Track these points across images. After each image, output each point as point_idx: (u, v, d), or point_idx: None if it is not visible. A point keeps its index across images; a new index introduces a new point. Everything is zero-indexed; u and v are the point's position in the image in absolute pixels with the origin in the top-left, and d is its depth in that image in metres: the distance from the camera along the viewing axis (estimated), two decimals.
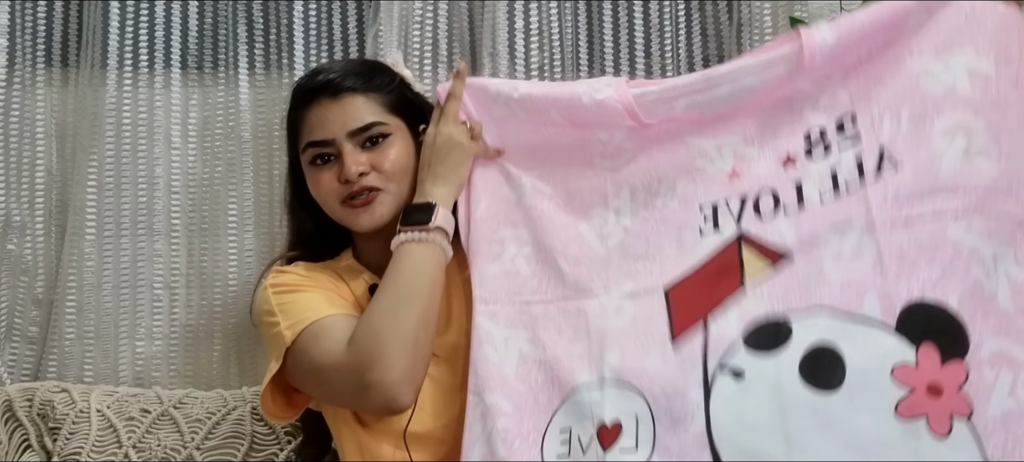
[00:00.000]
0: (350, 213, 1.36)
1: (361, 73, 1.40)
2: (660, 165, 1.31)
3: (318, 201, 1.40)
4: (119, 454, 1.54)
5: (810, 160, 1.23)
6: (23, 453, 1.56)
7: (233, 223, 1.69)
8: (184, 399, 1.60)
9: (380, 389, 1.22)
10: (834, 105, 1.24)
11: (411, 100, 1.43)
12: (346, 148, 1.34)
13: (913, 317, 1.10)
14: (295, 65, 1.69)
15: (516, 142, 1.38)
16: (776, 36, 1.71)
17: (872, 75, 1.22)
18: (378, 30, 1.67)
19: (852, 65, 1.23)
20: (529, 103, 1.36)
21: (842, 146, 1.21)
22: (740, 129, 1.28)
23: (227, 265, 1.68)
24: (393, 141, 1.37)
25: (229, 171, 1.69)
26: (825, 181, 1.20)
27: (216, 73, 1.71)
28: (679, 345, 1.18)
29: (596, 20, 1.74)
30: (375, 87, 1.38)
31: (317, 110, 1.36)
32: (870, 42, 1.22)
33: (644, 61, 1.74)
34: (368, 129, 1.36)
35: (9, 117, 1.69)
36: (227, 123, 1.70)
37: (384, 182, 1.36)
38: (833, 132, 1.23)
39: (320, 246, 1.46)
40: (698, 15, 1.76)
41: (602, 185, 1.34)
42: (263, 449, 1.57)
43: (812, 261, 1.16)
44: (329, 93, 1.36)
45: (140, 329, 1.67)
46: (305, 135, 1.38)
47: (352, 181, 1.33)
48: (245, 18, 1.71)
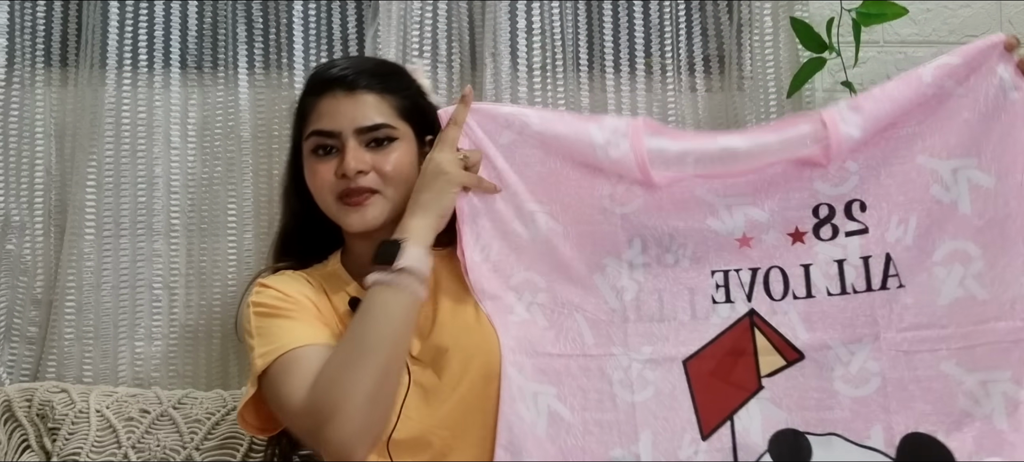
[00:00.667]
0: (342, 210, 1.36)
1: (379, 74, 1.40)
2: (671, 218, 1.31)
3: (313, 192, 1.39)
4: (118, 454, 1.53)
5: (818, 240, 1.28)
6: (22, 453, 1.55)
7: (232, 223, 1.68)
8: (183, 399, 1.59)
9: (334, 444, 1.21)
10: (843, 177, 1.28)
11: (423, 109, 1.42)
12: (350, 143, 1.34)
13: (910, 446, 1.23)
14: (295, 65, 1.69)
15: (525, 170, 1.35)
16: (775, 35, 1.71)
17: (882, 155, 1.27)
18: (377, 30, 1.67)
19: (869, 146, 1.28)
20: (540, 139, 1.34)
21: (849, 232, 1.27)
22: (751, 191, 1.30)
23: (226, 265, 1.68)
24: (398, 146, 1.37)
25: (228, 171, 1.69)
26: (831, 269, 1.27)
27: (216, 73, 1.71)
28: (710, 444, 1.25)
29: (596, 20, 1.74)
30: (390, 89, 1.38)
31: (329, 100, 1.36)
32: (895, 127, 1.27)
33: (644, 61, 1.74)
34: (376, 129, 1.35)
35: (8, 117, 1.69)
36: (227, 123, 1.70)
37: (382, 185, 1.35)
38: (841, 214, 1.28)
39: (310, 241, 1.45)
40: (698, 15, 1.76)
41: (614, 231, 1.33)
42: (262, 449, 1.56)
43: (823, 374, 1.26)
44: (344, 86, 1.36)
45: (139, 329, 1.67)
46: (312, 122, 1.37)
47: (350, 177, 1.33)
48: (245, 18, 1.71)
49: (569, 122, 1.35)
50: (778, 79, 1.71)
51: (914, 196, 1.25)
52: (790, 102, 1.71)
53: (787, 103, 1.71)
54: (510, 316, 1.32)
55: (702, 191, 1.30)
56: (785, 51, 1.72)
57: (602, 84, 1.72)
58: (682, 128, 1.73)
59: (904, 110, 1.25)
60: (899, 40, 1.81)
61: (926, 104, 1.25)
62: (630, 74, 1.73)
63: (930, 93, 1.25)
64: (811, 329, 1.26)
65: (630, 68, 1.73)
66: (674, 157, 1.30)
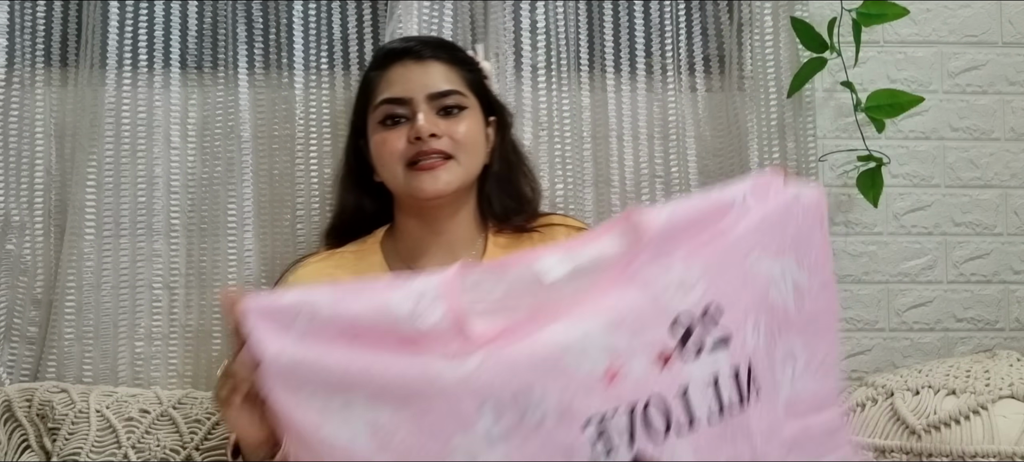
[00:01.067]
0: (414, 176, 1.34)
1: (447, 47, 1.43)
2: (520, 366, 1.03)
3: (379, 164, 1.38)
4: (118, 454, 1.53)
5: (684, 360, 1.09)
6: (22, 453, 1.55)
7: (232, 223, 1.68)
8: (183, 399, 1.59)
9: None
10: (689, 283, 1.11)
11: (486, 89, 1.44)
12: (422, 109, 1.34)
13: None
14: (295, 65, 1.69)
15: (333, 367, 1.02)
16: (776, 35, 1.71)
17: (719, 261, 1.14)
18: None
19: (697, 247, 1.13)
20: (336, 325, 1.03)
21: (715, 346, 1.11)
22: (601, 315, 1.07)
23: (226, 265, 1.68)
24: (468, 115, 1.38)
25: (228, 171, 1.69)
26: (708, 392, 1.10)
27: (215, 73, 1.71)
28: None
29: (596, 20, 1.74)
30: (458, 61, 1.40)
31: (399, 69, 1.37)
32: (709, 226, 1.14)
33: (644, 61, 1.74)
34: (448, 96, 1.36)
35: (8, 117, 1.69)
36: (226, 123, 1.69)
37: (455, 150, 1.35)
38: (701, 324, 1.11)
39: (361, 232, 1.45)
40: (698, 15, 1.76)
41: (457, 403, 1.01)
42: None
43: None
44: (413, 56, 1.37)
45: (139, 329, 1.67)
46: (381, 91, 1.37)
47: (423, 138, 1.32)
48: (245, 18, 1.71)
49: (366, 298, 1.05)
50: (778, 79, 1.71)
51: (759, 301, 1.14)
52: (790, 102, 1.71)
53: (787, 103, 1.71)
54: None
55: (548, 326, 1.05)
56: (785, 51, 1.72)
57: (602, 84, 1.72)
58: (682, 129, 1.73)
59: (715, 209, 1.15)
60: (899, 40, 1.81)
61: (735, 212, 1.16)
62: (630, 74, 1.73)
63: (736, 201, 1.16)
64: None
65: (630, 68, 1.73)
66: (497, 303, 1.06)
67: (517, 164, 1.49)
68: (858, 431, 1.55)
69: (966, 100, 1.83)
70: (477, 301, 1.05)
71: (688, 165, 1.73)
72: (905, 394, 1.55)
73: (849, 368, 1.80)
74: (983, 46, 1.83)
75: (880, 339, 1.82)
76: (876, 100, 1.71)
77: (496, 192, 1.43)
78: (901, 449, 1.49)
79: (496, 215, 1.44)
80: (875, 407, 1.56)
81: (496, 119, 1.42)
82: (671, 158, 1.72)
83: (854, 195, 1.75)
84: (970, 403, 1.47)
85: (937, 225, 1.82)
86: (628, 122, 1.72)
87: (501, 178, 1.45)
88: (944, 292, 1.83)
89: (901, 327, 1.82)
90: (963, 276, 1.83)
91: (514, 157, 1.49)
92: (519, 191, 1.47)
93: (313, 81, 1.69)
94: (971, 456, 1.43)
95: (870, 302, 1.81)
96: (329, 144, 1.68)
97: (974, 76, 1.83)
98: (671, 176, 1.72)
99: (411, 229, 1.40)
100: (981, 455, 1.42)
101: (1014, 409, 1.46)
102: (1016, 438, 1.43)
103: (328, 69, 1.70)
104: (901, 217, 1.82)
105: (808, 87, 1.70)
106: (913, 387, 1.55)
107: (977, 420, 1.46)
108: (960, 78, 1.83)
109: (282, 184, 1.69)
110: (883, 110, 1.71)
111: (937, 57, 1.82)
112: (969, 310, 1.83)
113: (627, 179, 1.71)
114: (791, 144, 1.72)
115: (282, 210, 1.69)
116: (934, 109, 1.81)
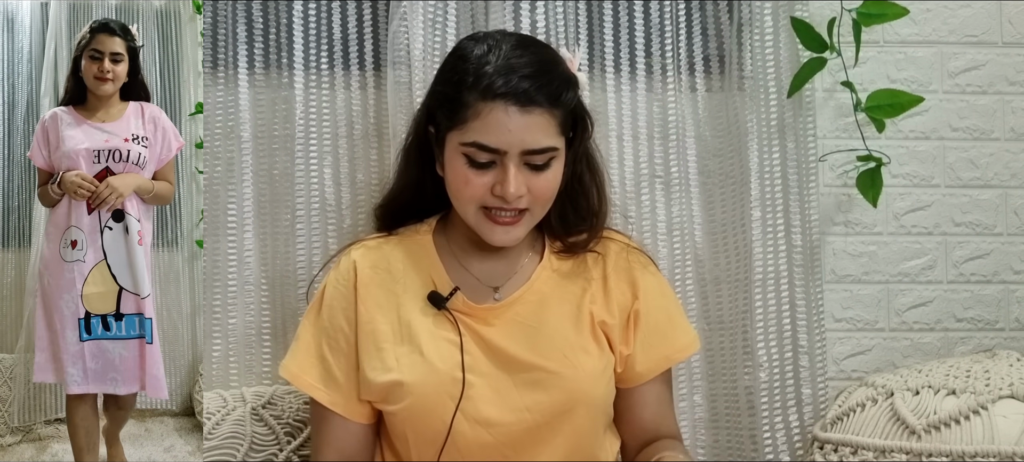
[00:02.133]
0: (487, 225, 1.31)
1: (550, 82, 1.29)
2: None
3: (453, 193, 1.33)
4: None
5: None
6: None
7: (232, 223, 1.68)
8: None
9: None
10: None
11: (576, 110, 1.36)
12: (513, 165, 1.28)
13: None
14: (295, 65, 1.69)
15: None
16: (776, 35, 1.71)
17: None
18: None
19: None
20: None
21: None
22: None
23: (226, 265, 1.68)
24: (555, 163, 1.32)
25: (228, 171, 1.69)
26: None
27: (215, 73, 1.71)
28: None
29: (597, 20, 1.74)
30: (558, 102, 1.30)
31: (500, 114, 1.26)
32: None
33: (644, 61, 1.74)
34: (542, 153, 1.29)
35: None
36: (226, 123, 1.70)
37: (532, 204, 1.32)
38: None
39: (416, 211, 1.44)
40: (698, 15, 1.76)
41: None
42: (263, 449, 1.56)
43: None
44: (519, 101, 1.26)
45: None
46: (476, 131, 1.27)
47: (509, 201, 1.28)
48: (245, 18, 1.71)
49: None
50: (778, 79, 1.71)
51: None
52: (790, 102, 1.71)
53: (787, 103, 1.71)
54: None
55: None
56: (785, 51, 1.72)
57: (602, 84, 1.72)
58: (682, 129, 1.73)
59: None
60: (899, 40, 1.81)
61: None
62: (630, 74, 1.73)
63: None
64: None
65: (630, 68, 1.73)
66: None
67: (584, 174, 1.42)
68: (859, 431, 1.55)
69: (966, 100, 1.83)
70: None
71: (688, 165, 1.73)
72: (905, 394, 1.54)
73: (849, 368, 1.80)
74: (983, 46, 1.83)
75: (880, 339, 1.82)
76: (876, 100, 1.71)
77: (557, 204, 1.38)
78: (901, 449, 1.49)
79: (553, 227, 1.41)
80: (875, 407, 1.56)
81: (573, 137, 1.36)
82: (671, 158, 1.72)
83: (854, 195, 1.75)
84: (970, 403, 1.47)
85: (937, 225, 1.82)
86: (628, 122, 1.72)
87: (567, 189, 1.39)
88: (944, 292, 1.83)
89: (901, 327, 1.82)
90: (963, 276, 1.83)
91: (583, 168, 1.41)
92: (581, 203, 1.42)
93: (313, 81, 1.69)
94: (971, 456, 1.43)
95: (870, 302, 1.81)
96: (329, 144, 1.68)
97: (974, 76, 1.83)
98: (671, 176, 1.72)
99: (467, 231, 1.38)
100: (981, 455, 1.42)
101: (1014, 409, 1.46)
102: (1016, 438, 1.43)
103: (328, 69, 1.70)
104: (901, 217, 1.82)
105: (808, 87, 1.70)
106: (913, 387, 1.55)
107: (977, 420, 1.46)
108: (960, 78, 1.83)
109: (282, 184, 1.69)
110: (883, 110, 1.71)
111: (937, 57, 1.82)
112: (969, 310, 1.83)
113: (627, 179, 1.71)
114: (791, 144, 1.72)
115: (282, 210, 1.69)
116: (934, 109, 1.81)
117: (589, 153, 1.42)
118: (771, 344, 1.69)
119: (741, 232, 1.72)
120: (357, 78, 1.70)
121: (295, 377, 1.34)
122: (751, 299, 1.69)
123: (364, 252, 1.41)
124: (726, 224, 1.74)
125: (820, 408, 1.71)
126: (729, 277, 1.74)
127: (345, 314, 1.36)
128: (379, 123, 1.70)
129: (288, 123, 1.69)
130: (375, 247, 1.42)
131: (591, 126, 1.39)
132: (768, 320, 1.69)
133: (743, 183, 1.71)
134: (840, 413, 1.61)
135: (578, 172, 1.40)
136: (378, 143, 1.69)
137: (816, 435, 1.64)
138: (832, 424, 1.61)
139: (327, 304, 1.38)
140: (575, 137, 1.37)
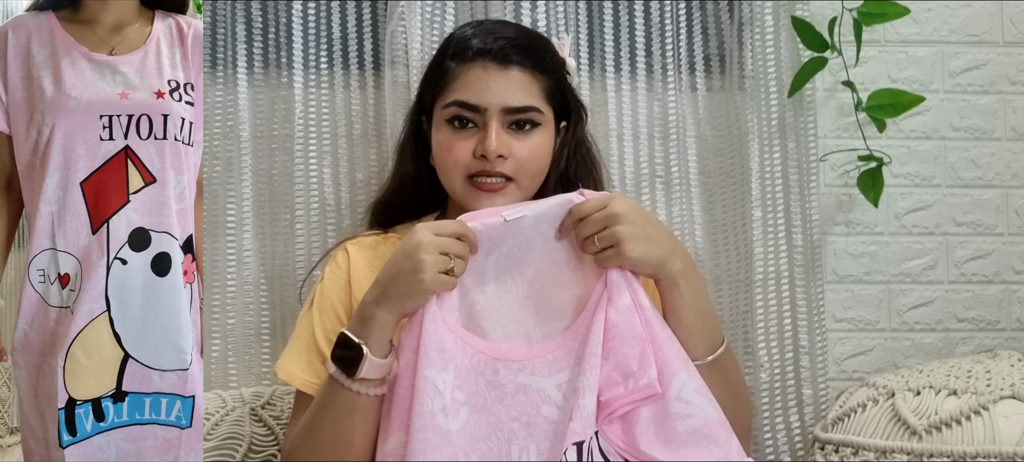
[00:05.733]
0: (472, 193, 1.31)
1: (532, 47, 1.34)
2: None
3: (440, 165, 1.34)
4: None
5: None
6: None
7: (232, 223, 1.68)
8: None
9: None
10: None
11: (565, 89, 1.38)
12: (494, 123, 1.29)
13: None
14: (294, 65, 1.68)
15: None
16: (776, 34, 1.71)
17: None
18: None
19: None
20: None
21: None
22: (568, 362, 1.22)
23: (226, 265, 1.68)
24: (539, 132, 1.33)
25: (228, 171, 1.69)
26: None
27: (214, 73, 1.71)
28: None
29: (597, 19, 1.73)
30: (541, 67, 1.33)
31: (479, 71, 1.30)
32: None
33: (644, 60, 1.73)
34: (523, 112, 1.30)
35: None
36: (226, 123, 1.69)
37: (517, 173, 1.31)
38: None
39: (411, 207, 1.44)
40: (698, 15, 1.75)
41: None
42: (262, 450, 1.56)
43: None
44: (498, 59, 1.30)
45: None
46: (456, 90, 1.31)
47: (490, 159, 1.28)
48: (244, 18, 1.71)
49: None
50: (779, 78, 1.70)
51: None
52: (791, 101, 1.70)
53: (788, 103, 1.70)
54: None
55: (527, 377, 1.21)
56: (786, 50, 1.71)
57: (602, 83, 1.72)
58: (682, 128, 1.73)
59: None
60: (900, 39, 1.81)
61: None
62: (630, 73, 1.73)
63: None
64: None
65: (630, 67, 1.73)
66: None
67: (580, 164, 1.43)
68: (860, 431, 1.54)
69: (967, 100, 1.82)
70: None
71: (688, 165, 1.73)
72: (906, 394, 1.54)
73: (850, 368, 1.80)
74: (984, 46, 1.83)
75: (881, 339, 1.81)
76: (877, 100, 1.71)
77: (552, 191, 1.38)
78: (902, 450, 1.48)
79: None
80: (876, 407, 1.56)
81: (566, 124, 1.37)
82: (671, 158, 1.72)
83: (855, 195, 1.75)
84: (971, 403, 1.47)
85: (938, 225, 1.82)
86: (628, 121, 1.72)
87: (562, 183, 1.40)
88: (945, 292, 1.82)
89: (902, 327, 1.81)
90: (964, 276, 1.82)
91: (578, 161, 1.42)
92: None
93: (313, 81, 1.69)
94: (972, 457, 1.43)
95: (871, 302, 1.81)
96: (328, 144, 1.68)
97: (975, 76, 1.82)
98: (671, 176, 1.72)
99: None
100: (982, 456, 1.42)
101: (1015, 409, 1.45)
102: (1017, 439, 1.42)
103: (328, 69, 1.70)
104: (902, 217, 1.82)
105: (809, 86, 1.70)
106: (914, 387, 1.55)
107: (978, 421, 1.45)
108: (961, 78, 1.82)
109: (281, 184, 1.69)
110: (884, 110, 1.70)
111: (938, 56, 1.82)
112: (970, 310, 1.82)
113: (627, 179, 1.70)
114: (792, 144, 1.71)
115: (281, 210, 1.69)
116: (935, 109, 1.81)
117: (586, 146, 1.43)
118: (772, 344, 1.68)
119: (742, 232, 1.72)
120: (357, 78, 1.70)
121: (292, 376, 1.34)
122: (752, 299, 1.69)
123: (358, 247, 1.42)
124: (726, 224, 1.74)
125: (821, 408, 1.70)
126: (729, 277, 1.73)
127: (342, 304, 1.36)
128: (378, 123, 1.69)
129: (287, 123, 1.69)
130: (371, 245, 1.42)
131: (585, 116, 1.41)
132: (769, 320, 1.68)
133: (744, 183, 1.71)
134: (841, 414, 1.61)
135: (573, 164, 1.41)
136: (377, 143, 1.69)
137: (817, 436, 1.64)
138: (833, 425, 1.61)
139: (323, 296, 1.38)
140: (568, 125, 1.38)
